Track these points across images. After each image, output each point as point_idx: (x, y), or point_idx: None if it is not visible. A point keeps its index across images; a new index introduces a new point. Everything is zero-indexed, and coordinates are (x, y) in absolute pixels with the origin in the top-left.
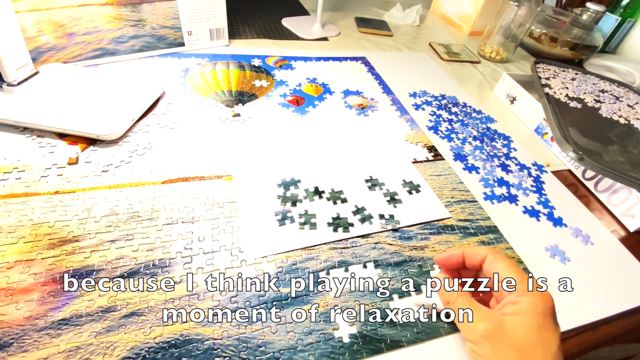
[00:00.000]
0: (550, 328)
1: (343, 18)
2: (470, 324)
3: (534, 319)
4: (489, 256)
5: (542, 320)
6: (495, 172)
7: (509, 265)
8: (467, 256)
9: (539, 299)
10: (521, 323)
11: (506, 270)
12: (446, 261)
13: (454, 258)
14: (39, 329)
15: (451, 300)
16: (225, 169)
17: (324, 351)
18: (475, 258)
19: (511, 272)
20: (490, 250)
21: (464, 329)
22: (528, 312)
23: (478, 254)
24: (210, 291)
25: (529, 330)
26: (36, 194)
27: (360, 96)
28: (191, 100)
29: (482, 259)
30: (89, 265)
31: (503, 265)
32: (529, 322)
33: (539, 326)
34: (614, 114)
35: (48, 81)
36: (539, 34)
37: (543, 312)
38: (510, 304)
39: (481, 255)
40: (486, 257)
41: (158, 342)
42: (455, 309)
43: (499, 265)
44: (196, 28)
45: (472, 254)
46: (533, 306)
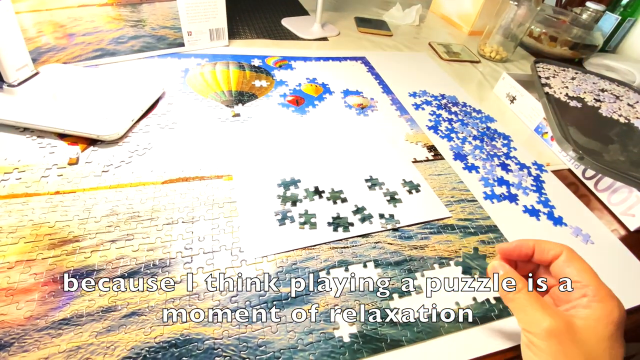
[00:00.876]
0: (620, 340)
1: (343, 18)
2: (535, 317)
3: (607, 327)
4: (564, 254)
5: (615, 330)
6: (495, 172)
7: (586, 268)
8: (539, 250)
9: (615, 309)
10: (593, 329)
11: (582, 273)
12: (513, 251)
13: (523, 249)
14: (39, 328)
15: (514, 293)
16: (225, 169)
17: (324, 351)
18: (547, 253)
19: (587, 276)
20: (567, 250)
21: (527, 321)
22: (602, 320)
23: (552, 249)
24: (210, 291)
25: (600, 338)
26: (37, 194)
27: (360, 96)
28: (191, 100)
29: (555, 255)
30: (90, 265)
31: (579, 266)
32: (602, 329)
33: (610, 335)
34: (614, 113)
35: (48, 82)
36: (539, 34)
37: (616, 322)
38: (582, 307)
39: (555, 251)
40: (560, 255)
41: (158, 342)
42: (518, 300)
43: (575, 266)
44: (196, 28)
45: (545, 249)
46: (608, 314)
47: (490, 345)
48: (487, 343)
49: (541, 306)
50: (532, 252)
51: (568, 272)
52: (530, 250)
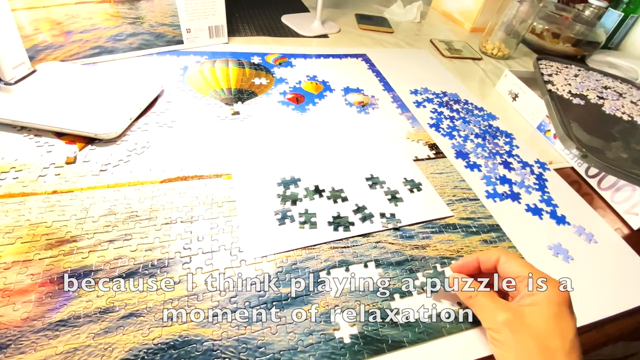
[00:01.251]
0: (567, 317)
1: (343, 15)
2: (491, 314)
3: (550, 307)
4: (502, 257)
5: (558, 309)
6: (498, 170)
7: (523, 263)
8: (482, 261)
9: (555, 290)
10: (538, 312)
11: (520, 268)
12: (462, 268)
13: (470, 264)
14: (36, 330)
15: (472, 295)
16: (224, 167)
17: (325, 352)
18: (489, 261)
19: (525, 269)
20: (503, 252)
21: (485, 318)
22: (544, 302)
23: (491, 257)
24: (209, 291)
25: (546, 319)
26: (34, 194)
27: (360, 94)
28: (190, 98)
29: (495, 260)
30: (87, 266)
31: (517, 263)
32: (546, 310)
33: (555, 314)
34: (617, 110)
35: (45, 80)
36: (541, 30)
37: (558, 302)
38: (527, 296)
39: (494, 257)
40: (499, 259)
41: (157, 344)
42: (476, 302)
43: (512, 265)
44: (195, 25)
45: (486, 258)
46: (549, 296)
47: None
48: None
49: (495, 304)
50: (477, 264)
51: (510, 270)
52: (476, 263)
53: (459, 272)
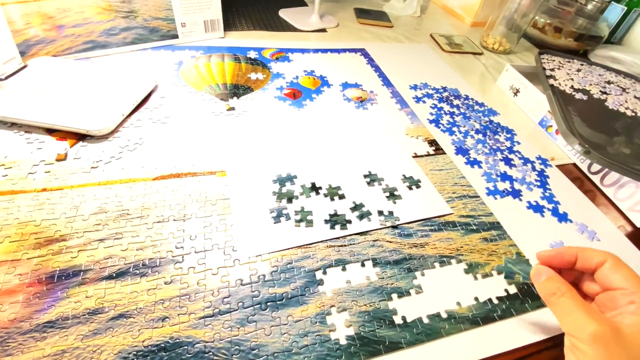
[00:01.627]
0: None
1: (342, 9)
2: (579, 322)
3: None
4: (609, 261)
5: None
6: (498, 167)
7: (633, 275)
8: (581, 257)
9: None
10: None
11: (629, 281)
12: (554, 259)
13: (565, 256)
14: (23, 331)
15: (559, 292)
16: (218, 164)
17: (320, 354)
18: (591, 261)
19: (635, 282)
20: (611, 256)
21: (569, 324)
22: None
23: (595, 257)
24: (201, 292)
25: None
26: (23, 192)
27: (359, 89)
28: (184, 93)
29: (599, 262)
30: (76, 266)
31: (626, 273)
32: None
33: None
34: (620, 105)
35: (37, 75)
36: (543, 24)
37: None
38: (630, 314)
39: (599, 259)
40: (605, 262)
41: (147, 346)
42: (560, 303)
43: (621, 273)
44: (190, 19)
45: (588, 256)
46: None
47: (493, 346)
48: (489, 345)
49: (586, 310)
50: (574, 260)
51: (614, 279)
52: (573, 258)
53: (549, 262)
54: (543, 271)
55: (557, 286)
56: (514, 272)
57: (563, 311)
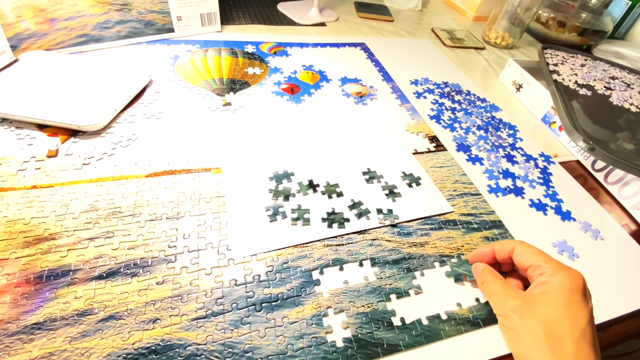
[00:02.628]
0: (579, 304)
1: (342, 3)
2: (501, 300)
3: (561, 295)
4: (516, 247)
5: (570, 296)
6: (500, 164)
7: (537, 252)
8: (497, 250)
9: (567, 277)
10: (549, 299)
11: (534, 257)
12: (476, 257)
13: (485, 254)
14: (10, 333)
15: (485, 280)
16: (213, 161)
17: (316, 356)
18: (504, 251)
19: (540, 258)
20: (518, 242)
21: (495, 304)
22: (556, 290)
23: (506, 247)
24: (194, 292)
25: (556, 306)
26: (12, 189)
27: (358, 84)
28: (180, 88)
29: (510, 250)
30: (65, 265)
31: (531, 252)
32: (557, 298)
33: (566, 301)
34: (625, 101)
35: (28, 70)
36: (547, 19)
37: (571, 289)
38: (540, 284)
39: (509, 247)
40: (514, 249)
41: (137, 348)
42: (487, 288)
43: (527, 254)
44: (186, 13)
45: (501, 248)
46: (561, 284)
47: (494, 349)
48: (490, 347)
49: (505, 290)
50: (493, 254)
51: (524, 260)
52: (491, 252)
53: (474, 261)
54: (479, 265)
55: (485, 275)
56: None
57: (490, 294)
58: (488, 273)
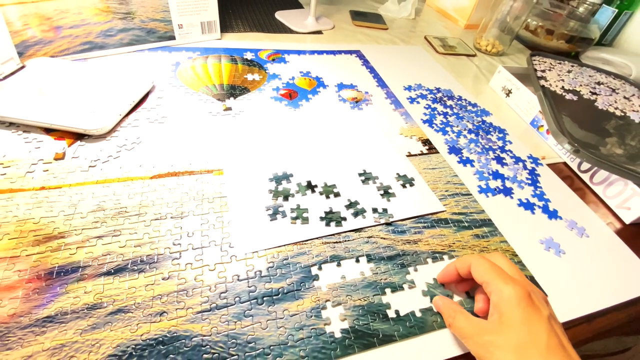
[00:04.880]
0: (534, 317)
1: (337, 11)
2: (471, 340)
3: (514, 313)
4: (472, 263)
5: (521, 311)
6: (490, 165)
7: (487, 269)
8: (458, 268)
9: (512, 292)
10: (508, 324)
11: (485, 273)
12: (444, 278)
13: (450, 273)
14: (23, 326)
15: (452, 321)
16: (215, 163)
17: (315, 346)
18: (464, 268)
19: (489, 274)
20: (474, 258)
21: (469, 343)
22: (508, 309)
23: (465, 263)
24: (199, 287)
25: (516, 328)
26: (21, 190)
27: (354, 90)
28: (181, 94)
29: (468, 266)
30: (75, 262)
31: (483, 268)
32: (513, 319)
33: (522, 320)
34: (610, 106)
35: (35, 75)
36: (535, 27)
37: (518, 303)
38: (493, 307)
39: (467, 263)
40: (471, 265)
41: (145, 339)
42: (455, 328)
43: (479, 270)
44: (187, 21)
45: (461, 265)
46: (509, 301)
47: None
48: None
49: (471, 326)
50: (456, 271)
51: (478, 276)
52: (454, 270)
53: (443, 282)
54: (439, 301)
55: (450, 310)
56: None
57: (460, 335)
58: (449, 310)
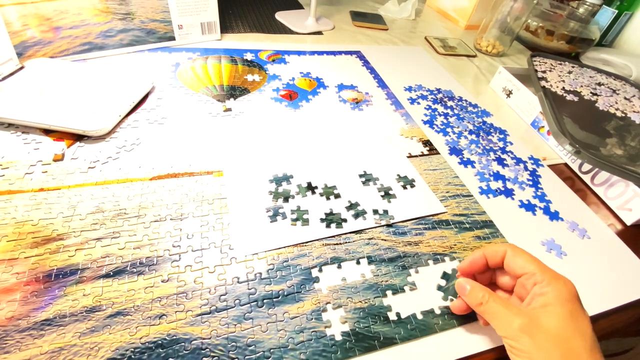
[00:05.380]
0: (582, 313)
1: (338, 12)
2: (506, 321)
3: (564, 306)
4: (508, 252)
5: (572, 306)
6: (491, 166)
7: (528, 259)
8: (489, 256)
9: (563, 287)
10: (553, 313)
11: (526, 264)
12: (470, 266)
13: (477, 261)
14: (21, 329)
15: (484, 301)
16: (215, 164)
17: (316, 349)
18: (496, 256)
19: (532, 265)
20: (510, 247)
21: (500, 326)
22: (557, 301)
23: (498, 251)
24: (198, 289)
25: (563, 319)
26: (20, 192)
27: (354, 90)
28: (181, 95)
29: (502, 255)
30: (74, 264)
31: (523, 259)
32: (560, 310)
33: (570, 313)
34: (610, 107)
35: (34, 76)
36: (536, 27)
37: (570, 298)
38: (538, 296)
39: (501, 252)
40: (506, 253)
41: (144, 342)
42: (488, 309)
43: (519, 260)
44: (187, 22)
45: (493, 253)
46: (559, 294)
47: (485, 342)
48: (482, 340)
49: (508, 308)
50: (486, 261)
51: (517, 266)
52: (484, 260)
53: (468, 271)
54: (465, 283)
55: (481, 294)
56: None
57: (492, 316)
58: (480, 291)
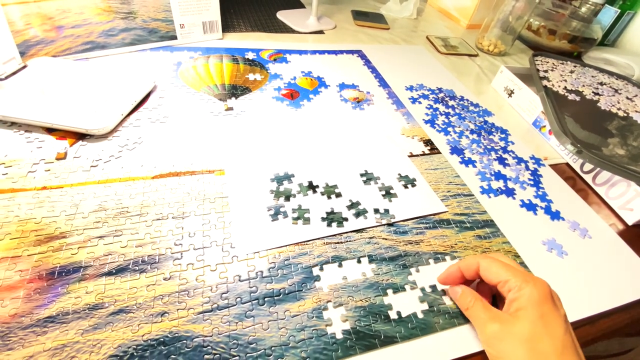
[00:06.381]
0: (552, 314)
1: (339, 11)
2: (482, 326)
3: (534, 309)
4: (481, 264)
5: (543, 308)
6: (492, 166)
7: (501, 267)
8: (463, 269)
9: (534, 289)
10: (524, 317)
11: (500, 271)
12: (446, 280)
13: (453, 274)
14: (24, 326)
15: (469, 306)
16: (217, 163)
17: (317, 347)
18: (470, 269)
19: (505, 272)
20: (482, 257)
21: (478, 332)
22: (529, 305)
23: (471, 264)
24: (200, 287)
25: (532, 322)
26: (23, 190)
27: (356, 90)
28: (183, 94)
29: (476, 268)
30: (76, 262)
31: (496, 267)
32: (531, 313)
33: (540, 315)
34: (612, 106)
35: (36, 75)
36: (538, 27)
37: (541, 300)
38: (512, 302)
39: (474, 265)
40: (479, 266)
41: (146, 340)
42: (470, 314)
43: (492, 269)
44: (189, 21)
45: (466, 267)
46: (530, 297)
47: None
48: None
49: (485, 313)
50: (461, 274)
51: (491, 277)
52: (459, 273)
53: (445, 284)
54: (457, 289)
55: (468, 299)
56: None
57: (474, 321)
58: (468, 295)
